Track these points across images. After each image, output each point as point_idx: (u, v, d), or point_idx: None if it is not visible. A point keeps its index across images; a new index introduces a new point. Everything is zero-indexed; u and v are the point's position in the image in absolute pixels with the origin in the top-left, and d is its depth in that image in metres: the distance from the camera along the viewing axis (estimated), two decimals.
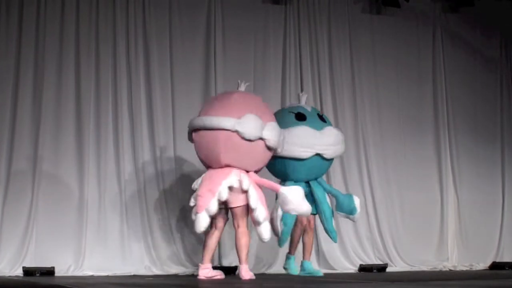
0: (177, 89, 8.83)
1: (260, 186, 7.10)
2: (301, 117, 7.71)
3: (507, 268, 9.23)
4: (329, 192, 7.87)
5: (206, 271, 7.07)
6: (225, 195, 6.91)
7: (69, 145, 8.40)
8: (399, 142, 9.64)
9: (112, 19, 8.70)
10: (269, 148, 7.10)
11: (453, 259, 9.44)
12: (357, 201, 7.76)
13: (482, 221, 9.68)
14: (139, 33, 8.77)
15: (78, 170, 8.36)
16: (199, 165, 8.60)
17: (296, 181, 7.62)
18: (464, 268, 9.30)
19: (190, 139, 7.34)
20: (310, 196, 7.66)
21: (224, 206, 7.09)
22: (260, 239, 7.04)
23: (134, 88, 8.64)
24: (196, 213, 6.94)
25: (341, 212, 7.77)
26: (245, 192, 6.95)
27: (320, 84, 9.31)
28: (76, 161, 8.37)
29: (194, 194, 7.08)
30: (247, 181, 6.96)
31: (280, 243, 7.74)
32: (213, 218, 7.03)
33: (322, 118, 7.90)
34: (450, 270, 9.19)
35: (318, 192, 7.75)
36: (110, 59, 8.64)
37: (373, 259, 9.09)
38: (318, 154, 7.65)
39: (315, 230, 8.35)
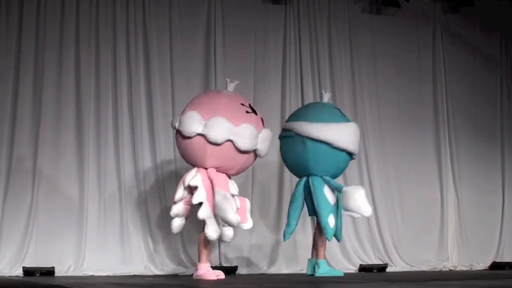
0: (177, 87, 8.82)
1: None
2: (344, 114, 7.91)
3: (507, 268, 9.24)
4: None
5: (201, 271, 7.08)
6: (178, 196, 7.08)
7: (69, 144, 8.39)
8: (399, 141, 9.63)
9: (112, 17, 8.69)
10: (213, 143, 7.03)
11: (453, 259, 9.44)
12: None
13: (482, 221, 9.67)
14: (139, 31, 8.76)
15: (78, 170, 8.35)
16: None
17: (334, 176, 7.75)
18: (464, 268, 9.30)
19: None
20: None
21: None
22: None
23: (134, 86, 8.63)
24: None
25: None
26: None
27: (320, 83, 9.30)
28: (76, 160, 8.37)
29: None
30: (196, 178, 7.04)
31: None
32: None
33: None
34: (450, 270, 9.19)
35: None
36: (110, 57, 8.63)
37: (373, 259, 9.09)
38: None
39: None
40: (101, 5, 8.66)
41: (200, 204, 6.96)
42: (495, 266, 9.38)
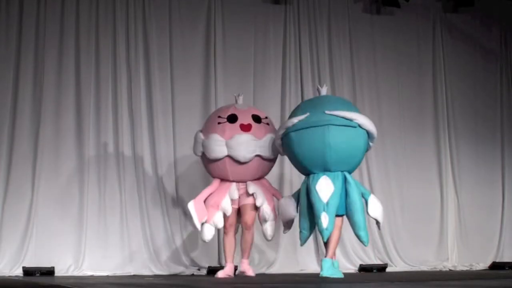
0: (177, 86, 8.82)
1: None
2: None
3: (507, 268, 9.22)
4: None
5: None
6: None
7: (69, 144, 8.40)
8: (399, 139, 9.61)
9: (112, 14, 8.69)
10: None
11: (453, 259, 9.43)
12: None
13: (482, 221, 9.66)
14: (139, 30, 8.76)
15: (78, 170, 8.35)
16: (199, 165, 8.59)
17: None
18: (464, 268, 9.29)
19: None
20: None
21: None
22: None
23: (134, 84, 8.64)
24: None
25: None
26: None
27: (320, 82, 9.29)
28: (76, 160, 8.37)
29: None
30: None
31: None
32: None
33: None
34: (450, 270, 9.18)
35: None
36: (110, 55, 8.63)
37: (373, 259, 9.08)
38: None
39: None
40: (101, 2, 8.66)
41: None
42: (495, 266, 9.36)
